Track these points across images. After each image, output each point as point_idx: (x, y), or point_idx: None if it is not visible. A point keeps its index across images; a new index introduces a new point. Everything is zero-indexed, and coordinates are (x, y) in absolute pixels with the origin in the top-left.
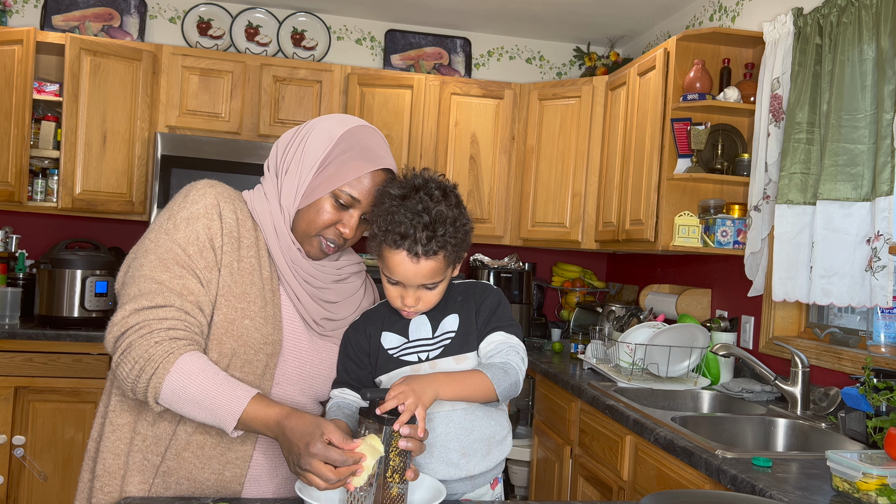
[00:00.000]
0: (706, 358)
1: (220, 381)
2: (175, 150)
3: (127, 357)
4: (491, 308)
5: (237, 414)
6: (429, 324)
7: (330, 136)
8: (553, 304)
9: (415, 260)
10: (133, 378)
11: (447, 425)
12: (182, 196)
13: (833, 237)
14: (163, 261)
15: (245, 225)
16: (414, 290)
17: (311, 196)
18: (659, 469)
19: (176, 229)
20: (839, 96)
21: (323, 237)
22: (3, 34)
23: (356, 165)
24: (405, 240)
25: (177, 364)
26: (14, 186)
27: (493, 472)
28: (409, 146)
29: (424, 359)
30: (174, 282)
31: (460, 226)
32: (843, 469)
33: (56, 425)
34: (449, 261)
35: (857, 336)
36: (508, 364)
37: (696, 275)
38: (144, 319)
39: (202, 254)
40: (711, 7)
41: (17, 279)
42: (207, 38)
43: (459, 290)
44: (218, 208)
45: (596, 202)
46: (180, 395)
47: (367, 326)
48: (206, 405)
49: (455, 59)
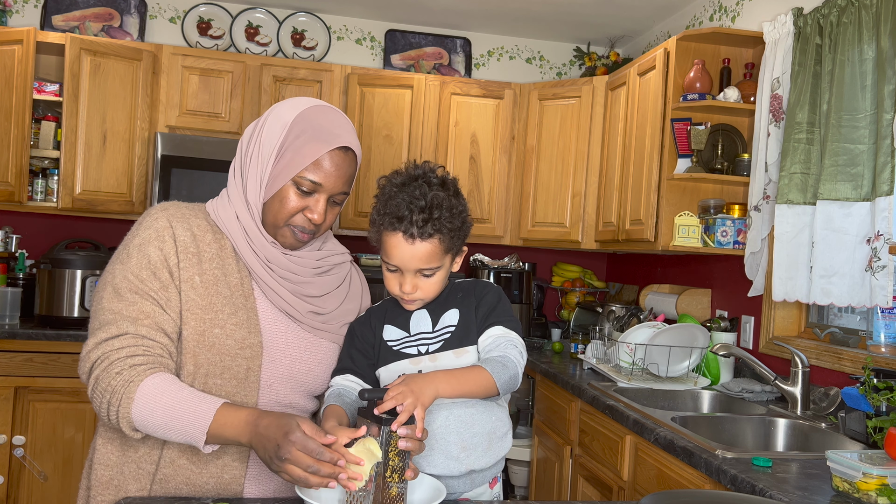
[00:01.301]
0: (706, 358)
1: (185, 398)
2: (175, 150)
3: (96, 392)
4: (491, 304)
5: (204, 428)
6: (429, 318)
7: (283, 123)
8: (553, 304)
9: (410, 241)
10: (105, 412)
11: (447, 418)
12: (137, 224)
13: (833, 237)
14: (117, 291)
15: (204, 239)
16: (412, 277)
17: (274, 186)
18: (659, 469)
19: (129, 257)
20: (839, 96)
21: (292, 226)
22: (4, 34)
23: (312, 148)
24: (401, 222)
25: (139, 391)
26: (14, 186)
27: (492, 469)
28: (410, 146)
29: (424, 352)
30: (129, 309)
31: (457, 213)
32: (844, 469)
33: (56, 425)
34: (445, 247)
35: (857, 336)
36: (507, 357)
37: (696, 275)
38: (104, 352)
39: (156, 275)
40: (711, 7)
41: (18, 279)
42: (207, 38)
43: (461, 287)
44: (170, 229)
45: (596, 202)
46: (149, 420)
47: (372, 319)
48: (173, 426)
49: (455, 59)
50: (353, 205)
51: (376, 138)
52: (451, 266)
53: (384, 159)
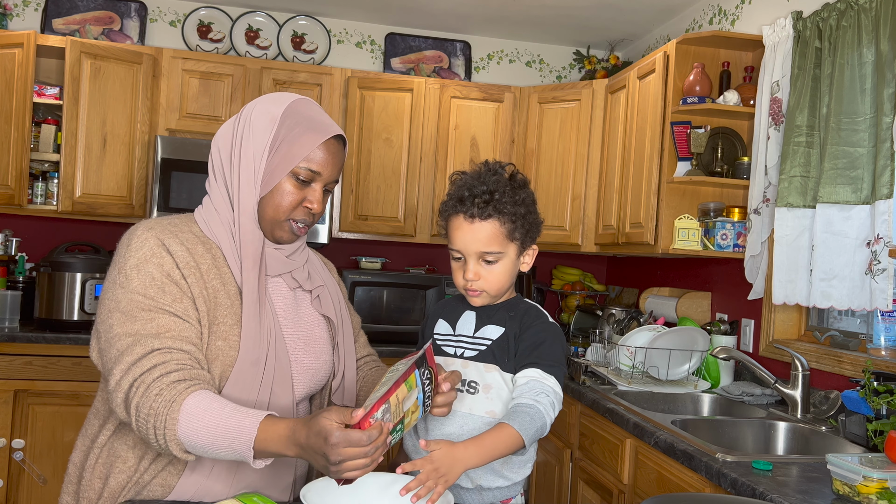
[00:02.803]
0: (706, 361)
1: (228, 415)
2: (175, 154)
3: (139, 420)
4: (536, 340)
5: (250, 444)
6: (474, 322)
7: (272, 117)
8: (553, 307)
9: (470, 221)
10: (153, 437)
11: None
12: (124, 247)
13: (833, 240)
14: (127, 314)
15: (196, 251)
16: (474, 263)
17: (271, 181)
18: (659, 472)
19: (129, 280)
20: (839, 99)
21: (292, 220)
22: (4, 37)
23: (308, 139)
24: (463, 203)
25: (182, 411)
26: (14, 189)
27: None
28: (410, 149)
29: (460, 355)
30: (147, 326)
31: (520, 200)
32: (844, 472)
33: (56, 429)
34: (507, 231)
35: (857, 339)
36: (535, 408)
37: (696, 278)
38: (136, 376)
39: (164, 290)
40: (711, 10)
41: (17, 282)
42: (207, 42)
43: (518, 307)
44: (164, 247)
45: (596, 205)
46: (195, 441)
47: (437, 310)
48: (220, 445)
49: (455, 62)
50: (352, 208)
51: (376, 141)
52: (517, 260)
53: (384, 162)
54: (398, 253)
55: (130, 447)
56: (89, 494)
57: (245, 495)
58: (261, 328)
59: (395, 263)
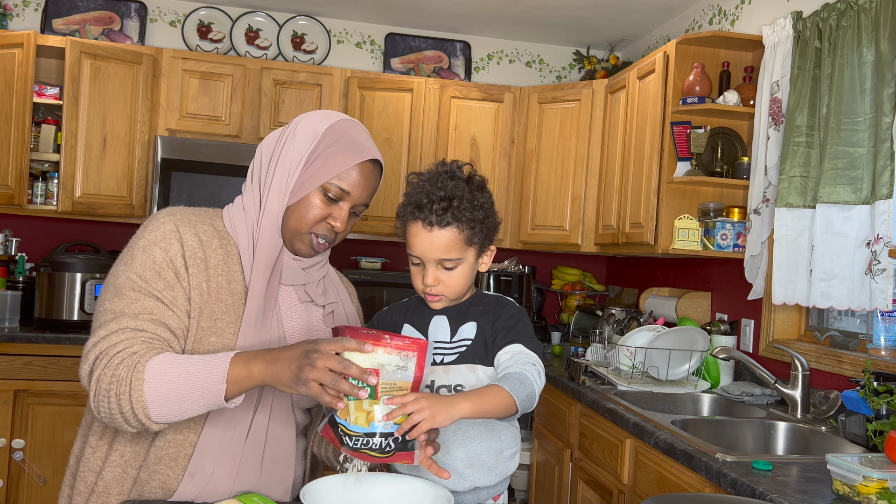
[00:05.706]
0: (706, 361)
1: (195, 361)
2: (175, 154)
3: (100, 392)
4: (509, 323)
5: (222, 377)
6: (448, 327)
7: (315, 131)
8: (553, 307)
9: (429, 229)
10: (116, 407)
11: (454, 433)
12: (142, 227)
13: (833, 240)
14: (119, 291)
15: (210, 245)
16: (433, 268)
17: (300, 192)
18: (659, 472)
19: (133, 259)
20: (838, 100)
21: (314, 234)
22: (4, 37)
23: (344, 158)
24: (421, 210)
25: (147, 370)
26: (14, 190)
27: (497, 487)
28: (409, 149)
29: (440, 362)
30: (131, 306)
31: (478, 205)
32: (844, 472)
33: (55, 429)
34: (466, 237)
35: (857, 339)
36: (524, 374)
37: (695, 278)
38: (102, 349)
39: (160, 275)
40: (711, 11)
41: (17, 282)
42: (207, 42)
43: (483, 301)
44: (177, 233)
45: (596, 205)
46: (164, 396)
47: (393, 314)
48: (192, 391)
49: (455, 62)
50: None
51: (376, 141)
52: (475, 263)
53: (384, 162)
54: (398, 253)
55: (129, 440)
56: (82, 487)
57: (245, 495)
58: (261, 331)
59: (395, 263)
